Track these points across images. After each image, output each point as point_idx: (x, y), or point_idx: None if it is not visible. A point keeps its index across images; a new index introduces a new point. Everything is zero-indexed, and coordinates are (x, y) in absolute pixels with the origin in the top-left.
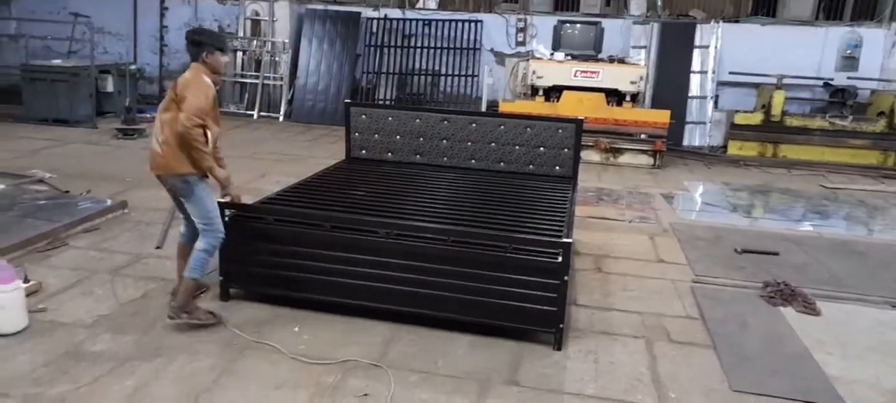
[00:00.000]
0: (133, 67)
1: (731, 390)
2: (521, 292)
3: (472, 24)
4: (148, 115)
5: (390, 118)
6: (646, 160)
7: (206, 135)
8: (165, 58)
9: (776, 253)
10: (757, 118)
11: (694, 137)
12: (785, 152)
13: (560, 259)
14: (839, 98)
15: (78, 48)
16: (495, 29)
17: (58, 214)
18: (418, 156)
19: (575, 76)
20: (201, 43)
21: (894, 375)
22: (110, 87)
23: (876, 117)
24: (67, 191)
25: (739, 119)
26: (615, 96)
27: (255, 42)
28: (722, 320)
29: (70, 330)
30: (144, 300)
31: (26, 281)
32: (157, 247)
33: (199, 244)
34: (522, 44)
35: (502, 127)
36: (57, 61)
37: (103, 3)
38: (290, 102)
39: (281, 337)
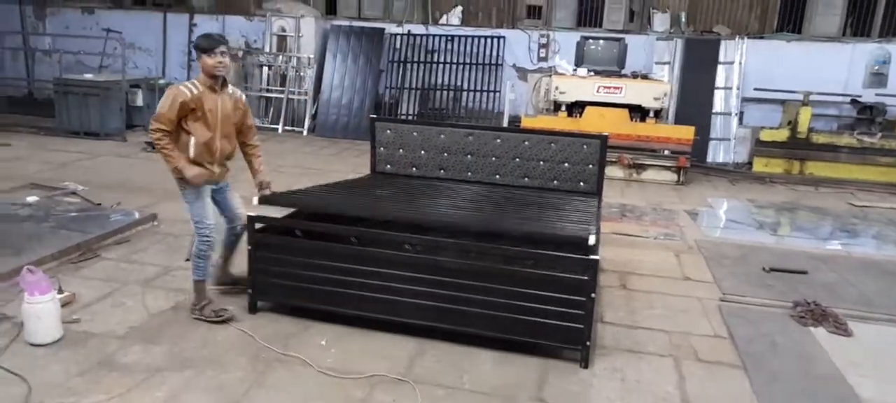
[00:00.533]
0: (162, 82)
1: None
2: (547, 309)
3: (495, 40)
4: None
5: (415, 133)
6: (669, 176)
7: (184, 136)
8: (194, 72)
9: (805, 272)
10: (783, 135)
11: (718, 154)
12: (812, 169)
13: (587, 276)
14: (867, 115)
15: (109, 63)
16: (518, 44)
17: (90, 226)
18: (442, 171)
19: (598, 92)
20: (195, 49)
21: None
22: (140, 101)
23: None
24: (99, 204)
25: (765, 135)
26: (638, 112)
27: (280, 57)
28: (751, 339)
29: (102, 341)
30: (174, 311)
31: (60, 291)
32: (187, 260)
33: (193, 248)
34: (544, 59)
35: (527, 142)
36: (89, 76)
37: (134, 19)
38: (314, 117)
39: (308, 351)
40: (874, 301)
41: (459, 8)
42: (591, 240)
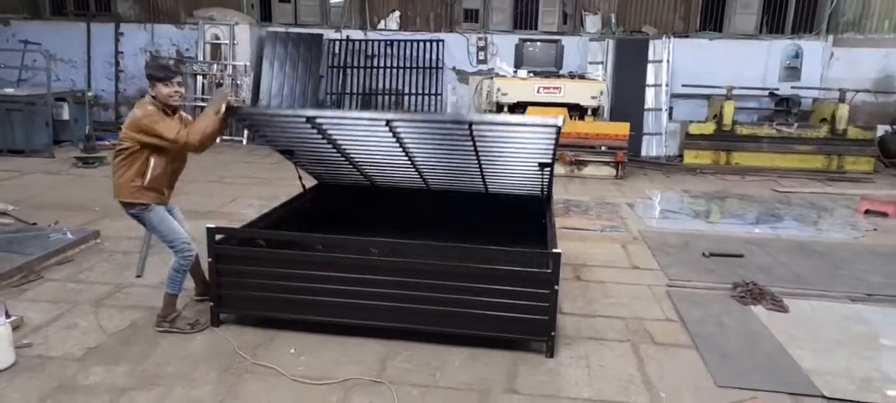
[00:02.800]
0: (90, 94)
1: (718, 386)
2: (512, 303)
3: (434, 44)
4: (107, 143)
5: None
6: (609, 171)
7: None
8: (122, 84)
9: (741, 256)
10: (710, 128)
11: (651, 148)
12: (737, 159)
13: (550, 269)
14: (784, 107)
15: (28, 76)
16: (457, 47)
17: (29, 247)
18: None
19: (538, 92)
20: (148, 77)
21: (863, 365)
22: (66, 115)
23: (819, 124)
24: (35, 223)
25: (693, 129)
26: (577, 111)
27: (215, 66)
28: (700, 321)
29: (60, 364)
30: (132, 330)
31: (7, 315)
32: (137, 276)
33: (171, 263)
34: (484, 62)
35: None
36: (9, 90)
37: (55, 30)
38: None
39: (278, 360)
40: (805, 278)
41: (397, 12)
42: (556, 251)
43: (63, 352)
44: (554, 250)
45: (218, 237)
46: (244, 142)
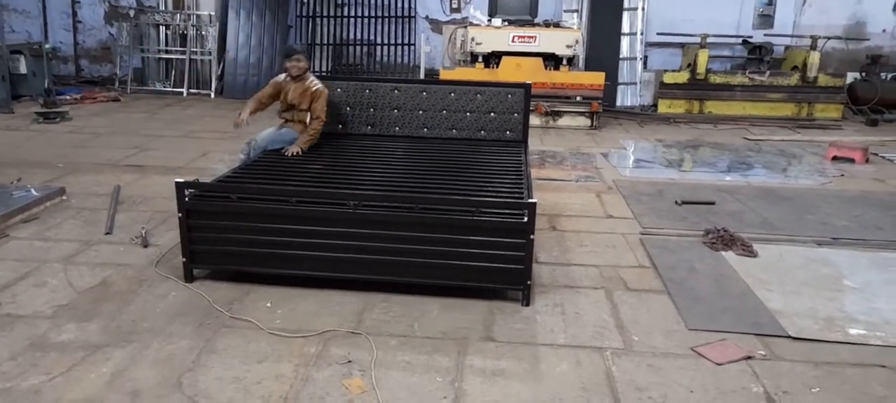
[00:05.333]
0: (47, 46)
1: (688, 329)
2: (489, 253)
3: None
4: (68, 97)
5: (339, 89)
6: (584, 121)
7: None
8: (80, 35)
9: (712, 203)
10: (684, 77)
11: (626, 97)
12: (710, 108)
13: (526, 219)
14: (757, 54)
15: None
16: None
17: None
18: (369, 128)
19: (513, 41)
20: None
21: (827, 305)
22: (24, 69)
23: (790, 71)
24: None
25: (668, 78)
26: (552, 60)
27: (178, 15)
28: (672, 267)
29: (31, 322)
30: (104, 287)
31: None
32: (107, 233)
33: None
34: (457, 10)
35: (453, 94)
36: None
37: None
38: (220, 78)
39: (255, 314)
40: (774, 224)
41: None
42: (532, 201)
43: (33, 310)
44: (530, 200)
45: (188, 192)
46: (212, 95)
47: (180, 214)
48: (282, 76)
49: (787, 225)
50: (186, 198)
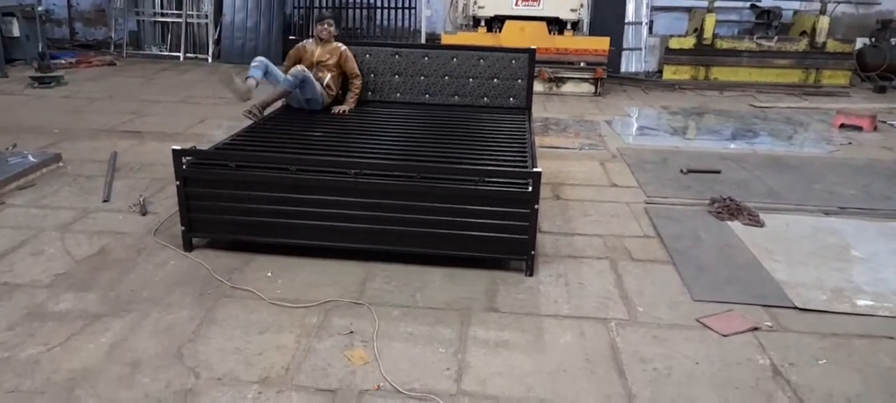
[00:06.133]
0: (40, 8)
1: (693, 300)
2: (492, 223)
3: None
4: (63, 61)
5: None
6: (587, 88)
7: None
8: None
9: (718, 171)
10: (690, 42)
11: (631, 63)
12: (716, 74)
13: (530, 188)
14: (765, 19)
15: None
16: None
17: None
18: (370, 93)
19: (516, 5)
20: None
21: (834, 276)
22: (17, 32)
23: (798, 37)
24: None
25: (673, 43)
26: (556, 25)
27: None
28: (677, 237)
29: (28, 292)
30: (102, 255)
31: None
32: (104, 201)
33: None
34: None
35: (455, 59)
36: None
37: None
38: (217, 42)
39: (255, 284)
40: (780, 193)
41: None
42: (536, 170)
43: (30, 279)
44: (534, 169)
45: (186, 159)
46: (209, 59)
47: (178, 182)
48: (306, 41)
49: (793, 194)
50: (184, 166)
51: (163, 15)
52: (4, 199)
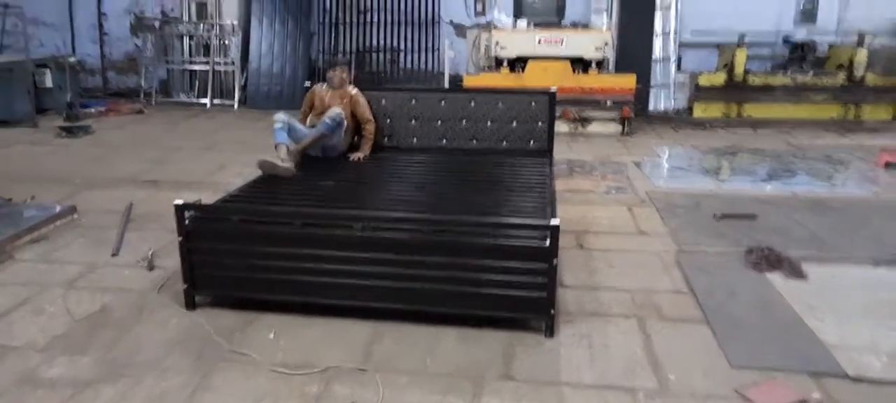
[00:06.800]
0: (72, 60)
1: (731, 366)
2: (508, 279)
3: None
4: (93, 110)
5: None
6: (614, 128)
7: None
8: (107, 47)
9: (754, 217)
10: (720, 78)
11: (659, 101)
12: (749, 111)
13: (548, 242)
14: (799, 53)
15: (10, 42)
16: None
17: (0, 225)
18: (386, 139)
19: (539, 45)
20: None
21: (889, 337)
22: (49, 82)
23: (835, 70)
24: (10, 199)
25: (703, 80)
26: (580, 64)
27: (202, 25)
28: (711, 291)
29: (22, 355)
30: (102, 314)
31: None
32: (113, 254)
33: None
34: (482, 14)
35: (473, 102)
36: None
37: None
38: (244, 88)
39: (256, 346)
40: (824, 240)
41: None
42: (555, 222)
43: (26, 341)
44: (552, 221)
45: (188, 213)
46: (235, 105)
47: (180, 238)
48: (319, 85)
49: (838, 241)
50: (186, 221)
51: (191, 62)
52: (14, 254)
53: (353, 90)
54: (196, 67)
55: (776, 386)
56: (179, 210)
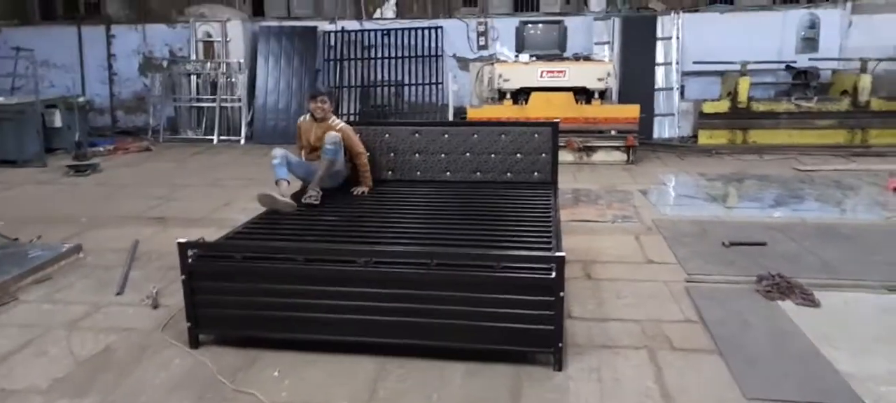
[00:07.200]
0: (81, 99)
1: (746, 399)
2: (514, 312)
3: (433, 31)
4: (101, 148)
5: (359, 134)
6: (619, 156)
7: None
8: (116, 87)
9: (764, 244)
10: (724, 106)
11: (664, 129)
12: (754, 138)
13: (554, 274)
14: (802, 80)
15: (22, 84)
16: (456, 34)
17: (6, 265)
18: (390, 173)
19: (542, 77)
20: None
21: None
22: (58, 122)
23: (839, 96)
24: (17, 239)
25: (707, 108)
26: (584, 94)
27: (209, 64)
28: (722, 321)
29: (22, 399)
30: (105, 355)
31: None
32: (118, 294)
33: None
34: (484, 47)
35: (476, 135)
36: (0, 99)
37: (46, 35)
38: (250, 124)
39: (260, 384)
40: (836, 267)
41: (393, 0)
42: (560, 254)
43: (27, 384)
44: (557, 253)
45: (191, 252)
46: (242, 141)
47: (184, 276)
48: (303, 117)
49: (850, 267)
50: (190, 259)
51: (198, 100)
52: (18, 295)
53: (339, 124)
54: (203, 104)
55: None
56: (182, 248)
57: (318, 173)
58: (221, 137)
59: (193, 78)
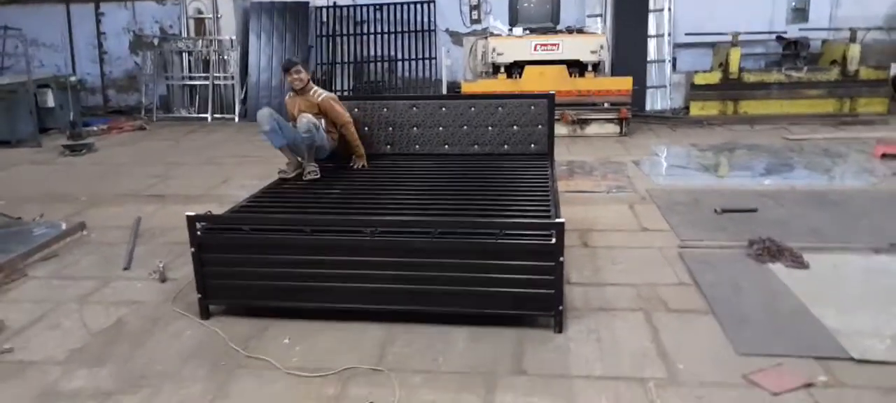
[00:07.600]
0: (73, 79)
1: (738, 354)
2: (516, 278)
3: (425, 5)
4: (95, 128)
5: (357, 109)
6: (612, 128)
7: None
8: (107, 66)
9: (755, 210)
10: (715, 77)
11: (656, 101)
12: (745, 108)
13: (554, 240)
14: (792, 50)
15: (11, 64)
16: (449, 8)
17: (11, 243)
18: (389, 147)
19: (535, 50)
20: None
21: (892, 322)
22: (51, 102)
23: (829, 66)
24: (19, 218)
25: (699, 79)
26: (577, 67)
27: (200, 42)
28: (715, 283)
29: (42, 369)
30: (118, 327)
31: None
32: (125, 269)
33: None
34: (477, 21)
35: (473, 108)
36: None
37: (34, 14)
38: (243, 102)
39: (272, 352)
40: (824, 231)
41: None
42: (560, 220)
43: (44, 356)
44: (557, 219)
45: (200, 225)
46: (236, 119)
47: (193, 249)
48: (289, 94)
49: (838, 231)
50: (198, 232)
51: (191, 78)
52: (27, 271)
53: (320, 97)
54: (195, 83)
55: (783, 372)
56: (191, 221)
57: (304, 154)
58: (215, 115)
59: (185, 56)
